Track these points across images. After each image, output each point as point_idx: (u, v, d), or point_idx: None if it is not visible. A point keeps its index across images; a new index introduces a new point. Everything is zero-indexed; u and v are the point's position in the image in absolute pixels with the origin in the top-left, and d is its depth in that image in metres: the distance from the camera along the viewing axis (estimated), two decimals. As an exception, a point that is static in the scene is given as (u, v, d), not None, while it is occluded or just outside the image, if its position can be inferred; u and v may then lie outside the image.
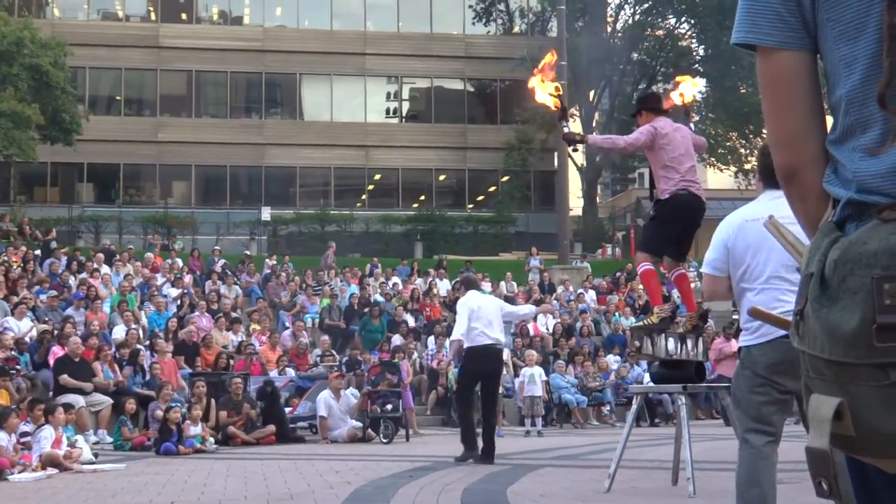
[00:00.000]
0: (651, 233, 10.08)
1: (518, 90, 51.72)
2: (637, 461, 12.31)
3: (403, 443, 17.84)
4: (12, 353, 18.51)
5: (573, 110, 49.59)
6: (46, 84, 37.67)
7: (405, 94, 54.58)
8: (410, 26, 52.92)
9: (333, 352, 23.60)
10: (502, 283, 31.49)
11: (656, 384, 10.66)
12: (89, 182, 50.58)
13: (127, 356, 20.08)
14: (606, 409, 23.87)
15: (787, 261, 5.09)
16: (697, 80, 10.93)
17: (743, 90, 51.05)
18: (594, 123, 54.08)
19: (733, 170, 53.12)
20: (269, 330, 24.33)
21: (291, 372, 21.55)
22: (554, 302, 29.65)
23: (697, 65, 53.82)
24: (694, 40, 54.27)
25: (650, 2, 52.28)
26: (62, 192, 49.40)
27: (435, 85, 53.96)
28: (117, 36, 49.63)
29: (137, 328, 22.16)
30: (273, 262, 31.56)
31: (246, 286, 28.88)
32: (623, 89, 53.69)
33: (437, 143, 51.88)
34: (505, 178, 51.69)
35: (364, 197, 52.22)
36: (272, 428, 18.07)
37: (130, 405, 17.56)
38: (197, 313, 24.10)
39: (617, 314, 29.04)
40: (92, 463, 13.30)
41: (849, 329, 1.70)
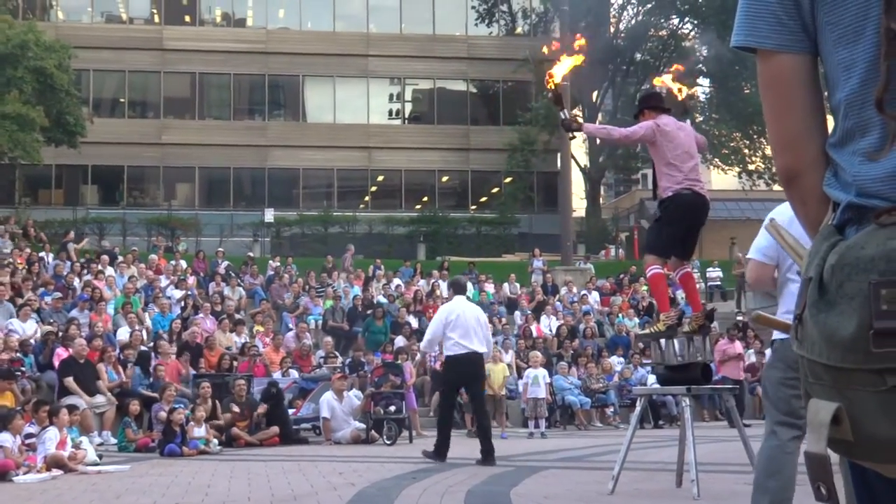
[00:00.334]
0: (657, 234, 10.06)
1: (521, 91, 51.83)
2: (641, 463, 12.32)
3: (407, 444, 17.82)
4: (17, 355, 18.54)
5: (577, 111, 49.65)
6: (51, 86, 37.72)
7: (408, 96, 54.60)
8: (413, 28, 52.96)
9: (337, 353, 23.60)
10: (505, 285, 31.51)
11: (662, 385, 10.65)
12: (93, 184, 50.66)
13: (135, 357, 20.13)
14: (610, 411, 23.86)
15: None
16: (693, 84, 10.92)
17: (747, 90, 51.03)
18: (597, 123, 54.02)
19: (737, 170, 53.11)
20: (273, 331, 24.33)
21: (295, 373, 21.57)
22: (557, 303, 29.66)
23: (701, 65, 53.80)
24: (697, 40, 54.24)
25: (653, 2, 52.26)
26: (66, 194, 49.48)
27: (438, 86, 53.98)
28: (121, 38, 49.73)
29: (141, 330, 22.19)
30: (276, 264, 31.57)
31: (249, 288, 28.90)
32: (626, 90, 53.68)
33: (440, 145, 51.92)
34: (508, 180, 51.71)
35: (367, 198, 52.26)
36: (276, 429, 18.07)
37: (134, 407, 17.57)
38: (201, 315, 24.12)
39: (620, 315, 29.04)
40: (96, 464, 13.31)
41: (846, 334, 1.70)
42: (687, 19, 53.18)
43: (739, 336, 25.53)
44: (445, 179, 53.65)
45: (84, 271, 26.44)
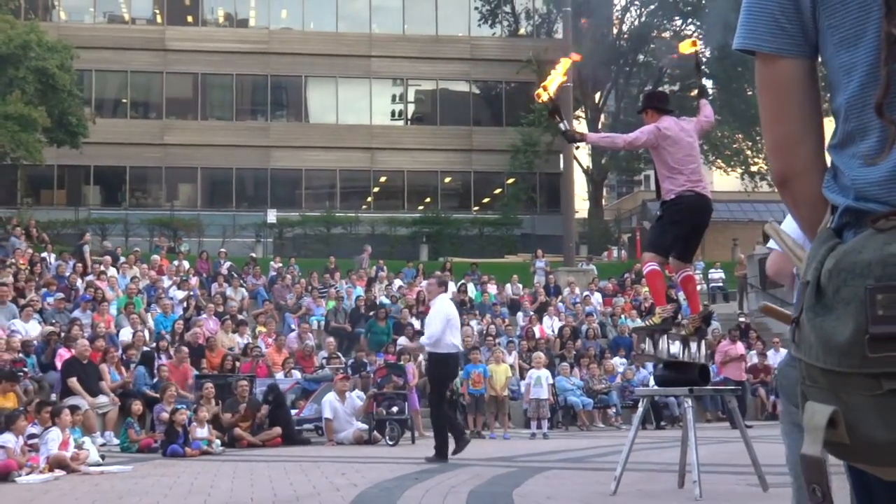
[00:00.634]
0: (658, 233, 10.04)
1: (524, 92, 51.79)
2: (643, 464, 12.32)
3: (409, 445, 17.83)
4: (19, 356, 18.54)
5: (578, 112, 49.69)
6: (53, 87, 37.73)
7: (411, 97, 54.60)
8: (416, 28, 52.96)
9: (339, 354, 23.60)
10: (508, 286, 31.50)
11: (660, 387, 10.64)
12: (96, 185, 50.66)
13: (138, 358, 20.14)
14: (612, 412, 23.84)
15: None
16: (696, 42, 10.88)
17: (750, 92, 50.98)
18: (600, 125, 54.02)
19: (739, 171, 53.09)
20: (275, 332, 24.34)
21: (297, 374, 21.57)
22: (560, 304, 29.66)
23: (704, 66, 53.77)
24: (700, 42, 54.18)
25: (656, 3, 52.25)
26: (69, 195, 49.47)
27: (440, 87, 53.97)
28: (123, 39, 49.73)
29: (143, 330, 22.19)
30: (278, 265, 31.55)
31: (252, 288, 28.91)
32: (629, 91, 53.68)
33: (443, 146, 51.91)
34: (510, 181, 51.70)
35: (369, 199, 52.25)
36: (278, 430, 18.07)
37: (137, 407, 17.57)
38: (204, 316, 24.13)
39: (623, 316, 29.03)
40: (99, 465, 13.32)
41: (842, 339, 1.71)
42: (690, 20, 53.13)
43: (741, 337, 25.51)
44: (448, 180, 53.63)
45: (86, 272, 26.47)
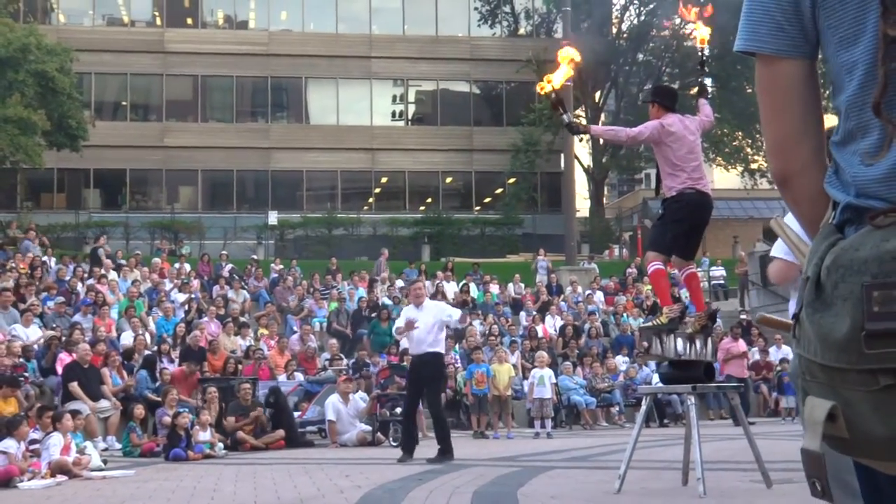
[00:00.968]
0: (660, 232, 10.03)
1: (524, 92, 51.82)
2: (647, 462, 12.29)
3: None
4: (20, 360, 18.51)
5: (579, 111, 49.68)
6: (52, 90, 37.74)
7: (411, 97, 54.62)
8: (416, 29, 52.97)
9: (342, 355, 23.56)
10: (510, 286, 31.48)
11: (665, 385, 10.62)
12: (96, 188, 50.69)
13: (140, 362, 20.12)
14: (615, 411, 23.82)
15: None
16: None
17: (749, 90, 50.96)
18: (600, 124, 54.06)
19: (739, 169, 53.07)
20: (278, 334, 24.31)
21: (300, 376, 21.55)
22: (562, 304, 29.63)
23: (706, 66, 53.68)
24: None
25: (655, 2, 52.23)
26: (69, 198, 49.50)
27: (441, 87, 53.98)
28: (123, 41, 49.78)
29: (144, 333, 22.16)
30: (280, 267, 31.52)
31: (254, 291, 28.88)
32: (629, 90, 53.67)
33: (444, 146, 51.93)
34: (511, 180, 51.70)
35: (371, 200, 52.27)
36: (281, 432, 18.04)
37: (139, 411, 17.55)
38: (206, 318, 24.10)
39: (625, 315, 29.00)
40: (101, 469, 13.29)
41: (840, 335, 1.73)
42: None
43: (743, 334, 25.49)
44: (449, 180, 53.65)
45: (87, 276, 26.45)
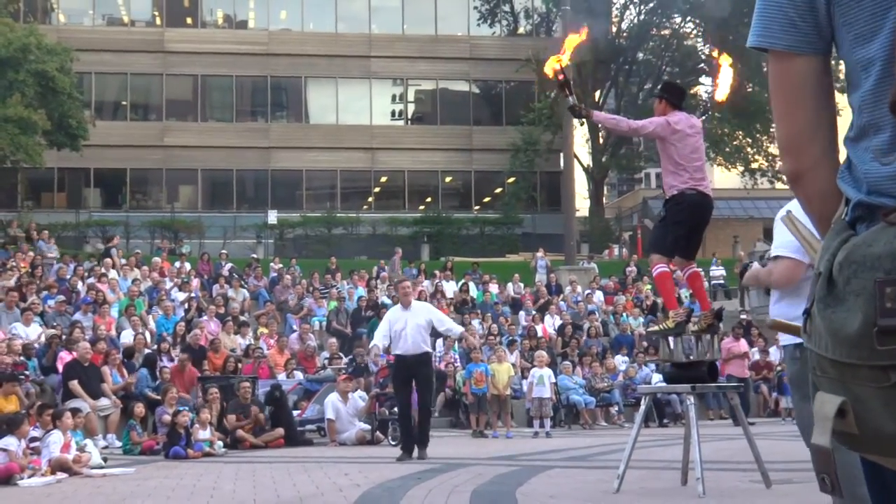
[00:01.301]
0: (661, 233, 10.05)
1: (524, 91, 51.83)
2: (646, 461, 12.30)
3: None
4: (20, 359, 18.53)
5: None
6: (53, 90, 37.75)
7: (411, 97, 54.61)
8: (415, 28, 52.96)
9: (341, 355, 23.58)
10: (509, 285, 31.49)
11: (668, 384, 10.65)
12: (96, 187, 50.68)
13: (141, 360, 20.14)
14: (615, 410, 23.83)
15: None
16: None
17: (749, 89, 50.94)
18: (599, 124, 54.00)
19: (740, 168, 53.05)
20: (277, 333, 24.32)
21: (299, 375, 21.55)
22: (561, 303, 29.64)
23: (703, 64, 53.74)
24: (699, 39, 54.18)
25: (655, 1, 52.23)
26: (69, 198, 49.49)
27: (440, 87, 53.97)
28: (123, 41, 49.77)
29: (144, 332, 22.17)
30: (279, 266, 31.53)
31: (253, 290, 28.89)
32: (628, 90, 53.66)
33: (443, 145, 51.93)
34: (511, 180, 51.68)
35: (370, 199, 52.27)
36: (280, 431, 18.06)
37: (139, 409, 17.56)
38: (206, 317, 24.11)
39: (625, 315, 29.00)
40: (101, 467, 13.31)
41: (851, 331, 1.73)
42: (689, 18, 53.11)
43: (744, 334, 25.49)
44: (449, 180, 53.65)
45: (87, 274, 26.47)
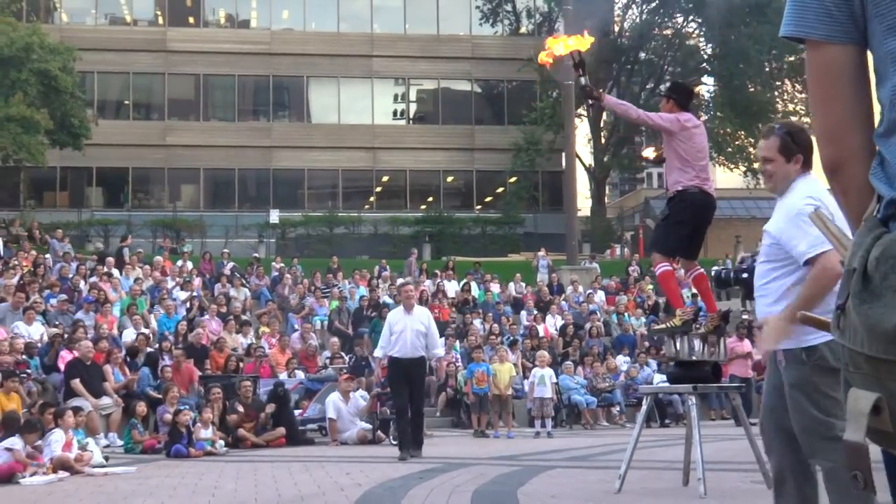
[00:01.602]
0: (664, 233, 10.07)
1: (525, 91, 51.83)
2: (647, 462, 12.30)
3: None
4: (22, 357, 18.54)
5: (580, 109, 49.61)
6: (55, 89, 37.78)
7: (412, 96, 54.62)
8: (417, 28, 52.96)
9: (343, 354, 23.58)
10: (511, 285, 31.47)
11: (672, 384, 10.65)
12: (98, 186, 50.70)
13: (143, 359, 20.14)
14: (616, 410, 23.82)
15: None
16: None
17: (752, 89, 50.93)
18: (602, 123, 54.04)
19: (742, 169, 53.01)
20: (279, 332, 24.32)
21: (301, 374, 21.56)
22: (563, 303, 29.63)
23: (706, 63, 53.75)
24: (702, 39, 54.18)
25: (657, 1, 52.22)
26: (71, 197, 49.52)
27: (442, 86, 53.97)
28: (125, 40, 49.80)
29: (147, 331, 22.17)
30: (280, 265, 31.53)
31: (255, 289, 28.90)
32: (630, 89, 53.63)
33: (445, 145, 51.92)
34: (513, 179, 51.68)
35: (372, 199, 52.27)
36: (282, 430, 18.06)
37: (141, 408, 17.58)
38: (207, 316, 24.12)
39: (626, 314, 28.99)
40: (103, 466, 13.31)
41: (889, 326, 1.71)
42: (691, 18, 53.09)
43: (747, 334, 25.45)
44: (450, 179, 53.66)
45: (90, 273, 26.48)
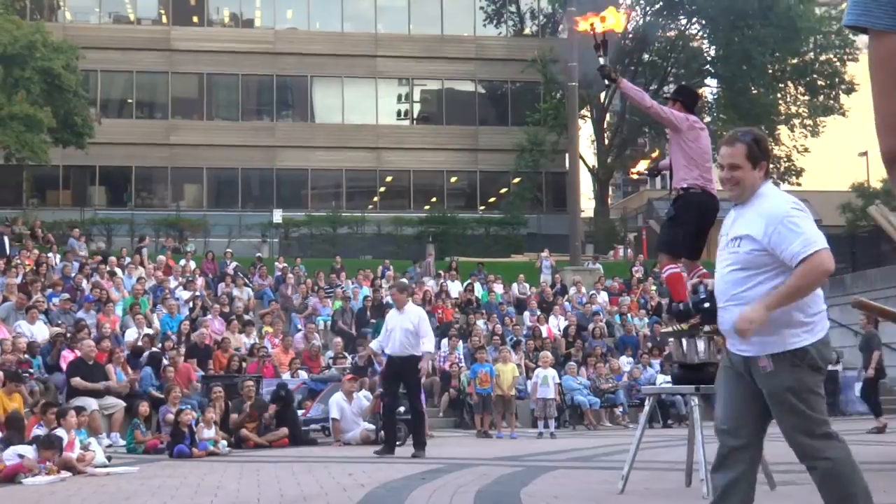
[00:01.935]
0: (670, 233, 10.08)
1: (529, 91, 51.80)
2: (650, 462, 12.28)
3: (416, 445, 17.79)
4: (24, 357, 18.54)
5: (584, 111, 49.62)
6: (58, 87, 37.80)
7: (416, 96, 54.62)
8: (421, 28, 52.97)
9: (346, 354, 23.58)
10: (514, 285, 31.47)
11: (676, 385, 10.64)
12: (101, 185, 50.72)
13: (145, 359, 20.15)
14: (619, 411, 23.84)
15: None
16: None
17: (754, 91, 50.90)
18: (605, 124, 54.06)
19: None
20: (282, 332, 24.32)
21: (304, 374, 21.56)
22: (566, 304, 29.62)
23: (709, 65, 53.73)
24: (705, 41, 54.17)
25: (660, 3, 52.20)
26: (74, 195, 49.55)
27: (446, 87, 53.98)
28: (129, 39, 49.84)
29: (150, 331, 22.17)
30: (283, 265, 31.54)
31: (258, 289, 28.90)
32: (634, 90, 53.57)
33: (449, 145, 51.93)
34: (516, 180, 51.68)
35: (376, 199, 52.27)
36: (285, 430, 18.05)
37: (143, 408, 17.57)
38: (210, 316, 24.12)
39: (630, 315, 28.99)
40: (105, 466, 13.30)
41: None
42: (695, 20, 53.09)
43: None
44: (454, 180, 53.66)
45: (92, 273, 26.50)
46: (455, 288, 30.57)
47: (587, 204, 53.37)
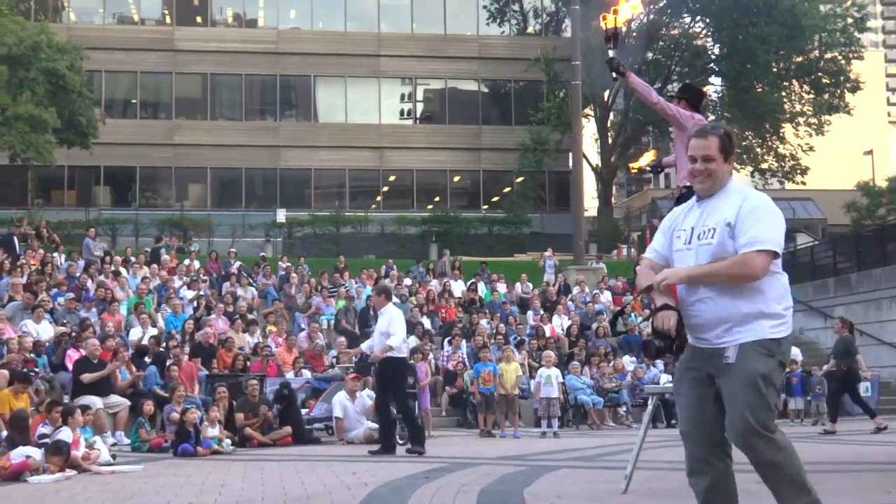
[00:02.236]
0: None
1: (532, 90, 51.80)
2: (654, 462, 12.30)
3: (419, 444, 17.81)
4: (30, 356, 18.57)
5: (588, 110, 49.58)
6: (63, 88, 37.85)
7: (419, 96, 54.65)
8: (424, 27, 53.01)
9: (349, 352, 23.58)
10: (517, 285, 31.47)
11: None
12: (106, 185, 50.83)
13: (151, 358, 20.17)
14: (622, 410, 23.84)
15: None
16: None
17: (759, 89, 50.86)
18: (608, 123, 54.04)
19: (749, 169, 53.02)
20: (286, 332, 24.34)
21: (307, 373, 21.57)
22: (570, 303, 29.63)
23: (713, 63, 53.69)
24: (710, 39, 54.14)
25: (664, 1, 52.20)
26: (79, 195, 49.65)
27: (449, 86, 54.01)
28: (133, 39, 49.94)
29: (155, 331, 22.19)
30: (287, 265, 31.55)
31: (262, 288, 28.92)
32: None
33: (452, 145, 51.97)
34: (519, 179, 51.71)
35: (379, 198, 52.32)
36: (288, 429, 18.07)
37: (148, 407, 17.59)
38: (214, 315, 24.14)
39: (633, 315, 28.96)
40: (110, 464, 13.33)
41: None
42: (699, 18, 53.07)
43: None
44: (457, 179, 53.69)
45: (97, 272, 26.53)
46: (458, 287, 30.57)
47: (591, 203, 53.38)
